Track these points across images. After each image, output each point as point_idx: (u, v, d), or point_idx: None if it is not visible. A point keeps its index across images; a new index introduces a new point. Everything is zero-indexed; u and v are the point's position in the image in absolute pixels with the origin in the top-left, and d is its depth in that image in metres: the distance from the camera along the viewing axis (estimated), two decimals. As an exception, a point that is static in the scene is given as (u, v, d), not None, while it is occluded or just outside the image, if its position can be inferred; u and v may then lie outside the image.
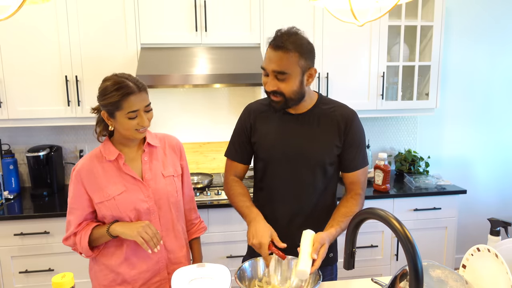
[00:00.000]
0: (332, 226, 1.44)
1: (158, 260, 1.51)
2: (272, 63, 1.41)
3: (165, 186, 1.51)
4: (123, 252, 1.47)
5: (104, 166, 1.46)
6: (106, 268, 1.50)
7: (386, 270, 2.75)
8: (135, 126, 1.40)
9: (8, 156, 2.69)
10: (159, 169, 1.52)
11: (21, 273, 2.37)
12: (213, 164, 3.00)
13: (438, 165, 3.28)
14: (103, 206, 1.44)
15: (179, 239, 1.57)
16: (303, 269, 1.27)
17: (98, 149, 1.50)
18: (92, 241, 1.46)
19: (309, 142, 1.52)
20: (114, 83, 1.38)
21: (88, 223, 1.48)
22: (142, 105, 1.40)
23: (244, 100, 2.97)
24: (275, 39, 1.42)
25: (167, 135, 1.63)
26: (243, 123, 1.64)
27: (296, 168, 1.53)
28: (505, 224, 1.39)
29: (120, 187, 1.45)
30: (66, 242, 1.51)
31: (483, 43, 3.18)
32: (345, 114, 1.54)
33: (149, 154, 1.52)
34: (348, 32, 2.68)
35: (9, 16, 0.96)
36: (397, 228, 0.97)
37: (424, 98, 2.91)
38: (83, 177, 1.45)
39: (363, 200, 1.57)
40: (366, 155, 1.59)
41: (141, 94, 1.39)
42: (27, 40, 2.40)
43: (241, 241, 2.48)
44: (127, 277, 1.48)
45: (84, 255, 1.50)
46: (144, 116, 1.41)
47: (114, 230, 1.41)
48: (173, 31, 2.52)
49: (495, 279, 1.17)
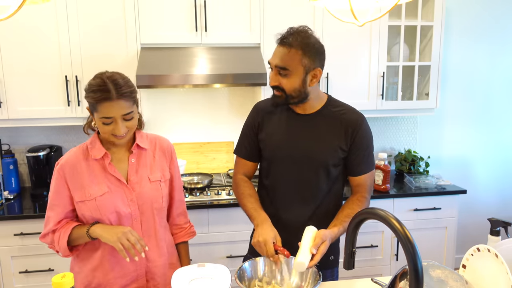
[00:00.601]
0: (335, 225, 1.45)
1: (136, 267, 1.45)
2: (276, 58, 1.43)
3: (150, 190, 1.45)
4: (99, 254, 1.43)
5: (89, 163, 1.41)
6: (82, 271, 1.46)
7: (386, 270, 2.75)
8: (110, 131, 1.35)
9: (8, 156, 2.69)
10: (146, 172, 1.47)
11: (21, 273, 2.37)
12: (213, 164, 3.00)
13: (438, 165, 3.29)
14: (83, 205, 1.39)
15: (160, 248, 1.51)
16: (301, 261, 1.28)
17: (85, 145, 1.44)
18: (71, 241, 1.40)
19: (313, 143, 1.52)
20: (96, 84, 1.33)
21: (68, 221, 1.43)
22: (118, 113, 1.32)
23: (244, 100, 2.97)
24: (283, 34, 1.44)
25: (158, 137, 1.56)
26: (252, 121, 1.64)
27: (300, 168, 1.53)
28: (505, 224, 1.38)
29: (103, 188, 1.39)
30: (43, 239, 1.46)
31: (483, 43, 3.18)
32: (353, 118, 1.53)
33: (137, 156, 1.47)
34: (348, 32, 2.68)
35: (9, 16, 0.96)
36: (397, 228, 0.97)
37: (424, 98, 2.91)
38: (66, 172, 1.39)
39: (368, 204, 1.57)
40: (373, 159, 1.59)
41: (118, 101, 1.31)
42: (27, 40, 2.40)
43: (241, 241, 2.48)
44: (102, 281, 1.43)
45: (61, 254, 1.44)
46: (120, 124, 1.33)
47: (94, 232, 1.36)
48: (173, 31, 2.52)
49: (495, 279, 1.17)
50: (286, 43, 1.41)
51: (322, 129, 1.53)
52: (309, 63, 1.43)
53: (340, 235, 1.46)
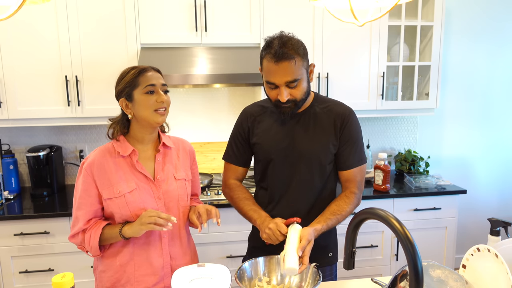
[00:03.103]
0: (319, 222, 1.44)
1: (163, 264, 1.48)
2: (283, 76, 1.40)
3: (176, 188, 1.49)
4: (129, 249, 1.44)
5: (116, 161, 1.42)
6: (110, 268, 1.47)
7: (386, 270, 2.75)
8: (154, 105, 1.39)
9: (8, 156, 2.69)
10: (172, 171, 1.50)
11: (21, 273, 2.37)
12: (213, 164, 3.00)
13: (438, 165, 3.29)
14: (112, 202, 1.40)
15: (183, 245, 1.54)
16: (292, 266, 1.27)
17: (110, 144, 1.46)
18: (101, 240, 1.42)
19: (306, 141, 1.53)
20: (129, 67, 1.45)
21: (97, 221, 1.44)
22: (158, 81, 1.42)
23: (244, 100, 2.97)
24: (273, 52, 1.39)
25: (180, 139, 1.61)
26: (240, 126, 1.64)
27: (294, 167, 1.54)
28: (505, 224, 1.38)
29: (131, 185, 1.41)
30: (73, 239, 1.46)
31: (483, 43, 3.18)
32: (341, 111, 1.54)
33: (163, 154, 1.50)
34: (348, 32, 2.68)
35: (9, 16, 0.96)
36: (397, 228, 0.97)
37: (424, 98, 2.91)
38: (94, 171, 1.40)
39: (359, 200, 1.56)
40: (363, 154, 1.59)
41: (155, 72, 1.44)
42: (27, 40, 2.40)
43: (241, 241, 2.48)
44: (131, 277, 1.45)
45: (92, 254, 1.46)
46: (161, 93, 1.41)
47: (126, 233, 1.38)
48: (173, 31, 2.52)
49: (495, 279, 1.17)
50: (286, 57, 1.37)
51: (312, 126, 1.54)
52: (306, 63, 1.45)
53: (323, 232, 1.45)
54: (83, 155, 2.86)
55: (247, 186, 2.49)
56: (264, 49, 1.43)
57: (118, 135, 1.46)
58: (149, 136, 1.48)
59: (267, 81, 1.44)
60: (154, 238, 1.46)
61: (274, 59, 1.39)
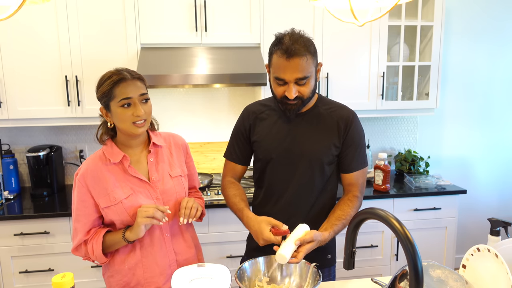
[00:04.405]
0: (326, 229, 1.44)
1: (169, 263, 1.48)
2: (293, 72, 1.39)
3: (173, 186, 1.48)
4: (137, 252, 1.45)
5: (109, 168, 1.41)
6: (118, 273, 1.47)
7: (386, 270, 2.75)
8: (131, 118, 1.35)
9: (8, 156, 2.69)
10: (166, 169, 1.49)
11: (21, 273, 2.37)
12: (213, 164, 3.00)
13: (438, 165, 3.29)
14: (110, 210, 1.40)
15: (187, 240, 1.55)
16: (283, 253, 1.28)
17: (100, 151, 1.44)
18: (105, 248, 1.42)
19: (307, 141, 1.53)
20: (108, 73, 1.37)
21: (96, 230, 1.43)
22: (135, 93, 1.35)
23: (244, 100, 2.97)
24: (284, 48, 1.38)
25: (171, 134, 1.59)
26: (241, 125, 1.64)
27: (295, 167, 1.54)
28: (505, 224, 1.39)
29: (127, 190, 1.40)
30: (76, 252, 1.45)
31: (483, 43, 3.18)
32: (345, 115, 1.54)
33: (155, 154, 1.49)
34: (348, 32, 2.68)
35: (9, 16, 0.96)
36: (397, 228, 0.97)
37: (424, 98, 2.91)
38: (88, 181, 1.39)
39: (361, 203, 1.56)
40: (366, 157, 1.59)
41: (134, 81, 1.35)
42: (27, 40, 2.40)
43: (241, 241, 2.47)
44: (141, 279, 1.45)
45: (98, 262, 1.45)
46: (139, 105, 1.35)
47: (129, 237, 1.38)
48: (173, 31, 2.52)
49: (495, 279, 1.17)
50: (297, 54, 1.37)
51: (314, 127, 1.53)
52: (316, 61, 1.45)
53: (330, 239, 1.44)
54: (83, 155, 2.86)
55: (247, 186, 2.48)
56: (275, 44, 1.42)
57: (106, 138, 1.45)
58: (136, 141, 1.46)
59: (276, 77, 1.43)
60: (157, 237, 1.46)
61: (285, 55, 1.38)
